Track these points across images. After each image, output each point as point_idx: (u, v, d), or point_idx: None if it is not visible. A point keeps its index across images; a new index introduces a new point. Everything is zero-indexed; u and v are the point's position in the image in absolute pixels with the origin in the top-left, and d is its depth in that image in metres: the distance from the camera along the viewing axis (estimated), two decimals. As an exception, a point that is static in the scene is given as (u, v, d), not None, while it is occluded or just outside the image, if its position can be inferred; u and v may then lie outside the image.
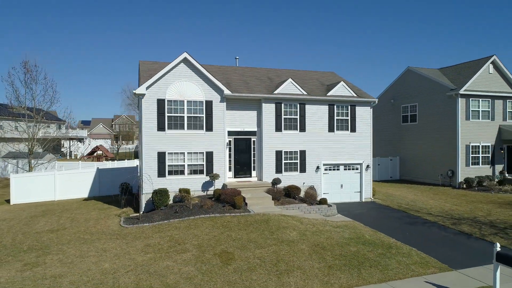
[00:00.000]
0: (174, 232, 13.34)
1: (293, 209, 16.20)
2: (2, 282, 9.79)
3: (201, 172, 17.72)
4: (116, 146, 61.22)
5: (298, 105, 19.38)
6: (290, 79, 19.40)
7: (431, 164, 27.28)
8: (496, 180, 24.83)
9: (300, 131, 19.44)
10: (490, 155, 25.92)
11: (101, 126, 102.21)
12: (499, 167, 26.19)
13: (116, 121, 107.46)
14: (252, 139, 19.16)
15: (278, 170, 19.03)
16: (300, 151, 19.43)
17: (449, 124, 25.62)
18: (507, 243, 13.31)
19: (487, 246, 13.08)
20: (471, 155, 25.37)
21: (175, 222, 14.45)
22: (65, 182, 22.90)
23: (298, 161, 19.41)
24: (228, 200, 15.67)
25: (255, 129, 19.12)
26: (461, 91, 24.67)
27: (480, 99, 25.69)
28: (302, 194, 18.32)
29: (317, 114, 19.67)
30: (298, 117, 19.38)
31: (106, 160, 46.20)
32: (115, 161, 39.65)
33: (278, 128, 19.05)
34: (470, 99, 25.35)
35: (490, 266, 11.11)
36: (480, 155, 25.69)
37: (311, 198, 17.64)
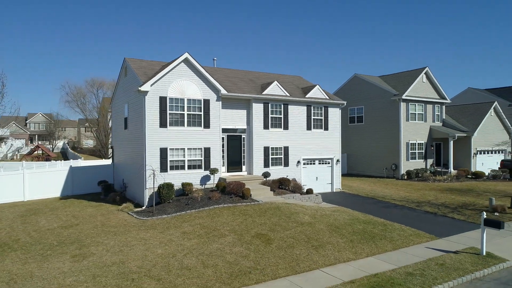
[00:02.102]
0: (200, 221, 14.32)
1: (289, 198, 18.10)
2: (67, 271, 10.07)
3: (200, 167, 18.67)
4: (51, 146, 56.73)
5: (282, 105, 21.34)
6: (276, 82, 21.27)
7: (376, 159, 31.31)
8: (429, 171, 29.59)
9: (284, 129, 21.42)
10: (423, 151, 30.74)
11: (13, 124, 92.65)
12: (430, 161, 31.17)
13: (31, 120, 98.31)
14: (242, 136, 20.61)
15: (266, 164, 20.77)
16: (284, 147, 21.41)
17: (393, 125, 29.80)
18: (464, 217, 16.84)
19: (451, 221, 16.44)
20: (410, 151, 29.85)
21: (193, 212, 15.36)
22: (34, 181, 21.80)
23: (283, 156, 21.38)
24: (235, 191, 16.97)
25: (245, 127, 20.60)
26: (403, 96, 28.97)
27: (416, 104, 30.37)
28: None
29: (297, 114, 21.86)
30: (282, 116, 21.34)
31: (47, 160, 43.02)
32: (61, 160, 37.41)
33: (266, 126, 20.79)
34: (409, 103, 29.84)
35: (465, 234, 14.34)
36: (417, 151, 30.35)
37: (298, 189, 19.71)
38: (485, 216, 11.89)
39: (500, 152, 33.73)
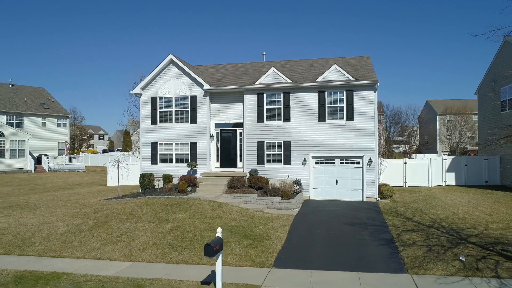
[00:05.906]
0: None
1: (236, 198, 16.03)
2: None
3: (186, 160, 19.42)
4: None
5: (282, 94, 18.56)
6: (273, 68, 18.79)
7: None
8: None
9: (284, 121, 18.55)
10: None
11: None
12: None
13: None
14: (239, 131, 19.52)
15: (260, 161, 18.70)
16: (284, 142, 18.50)
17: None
18: None
19: None
20: None
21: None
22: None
23: (282, 152, 18.52)
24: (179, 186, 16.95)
25: (242, 121, 19.40)
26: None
27: None
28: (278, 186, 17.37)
29: (303, 103, 18.31)
30: (282, 107, 18.56)
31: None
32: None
33: (260, 119, 18.79)
34: None
35: None
36: None
37: (278, 191, 16.69)
38: None
39: None
